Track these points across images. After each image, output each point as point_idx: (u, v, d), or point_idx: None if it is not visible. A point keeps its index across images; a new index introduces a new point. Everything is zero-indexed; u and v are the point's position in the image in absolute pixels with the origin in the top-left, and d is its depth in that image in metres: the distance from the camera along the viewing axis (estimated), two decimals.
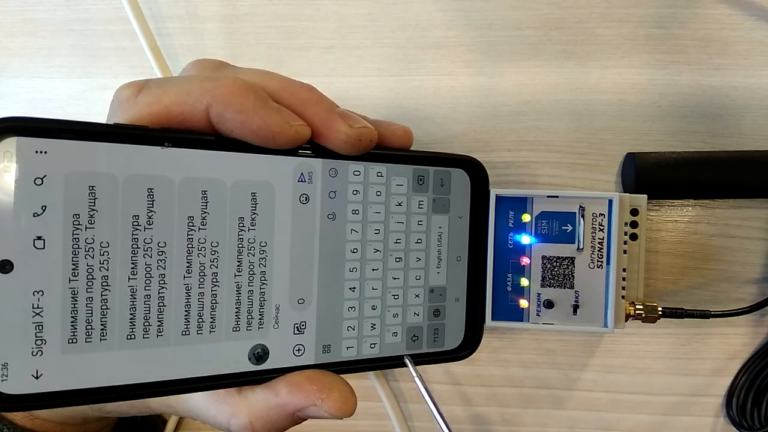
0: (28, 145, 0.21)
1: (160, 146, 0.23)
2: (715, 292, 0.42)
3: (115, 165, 0.23)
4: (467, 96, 0.43)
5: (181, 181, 0.24)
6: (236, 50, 0.44)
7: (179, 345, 0.24)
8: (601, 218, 0.35)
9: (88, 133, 0.22)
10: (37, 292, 0.22)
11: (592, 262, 0.35)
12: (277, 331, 0.26)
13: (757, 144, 0.41)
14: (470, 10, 0.43)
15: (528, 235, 0.35)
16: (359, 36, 0.44)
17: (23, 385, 0.22)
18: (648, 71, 0.42)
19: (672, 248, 0.42)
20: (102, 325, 0.23)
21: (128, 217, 0.23)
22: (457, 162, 0.31)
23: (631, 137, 0.42)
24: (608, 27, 0.42)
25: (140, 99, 0.24)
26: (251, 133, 0.24)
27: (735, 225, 0.42)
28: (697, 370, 0.42)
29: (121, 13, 0.42)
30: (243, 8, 0.44)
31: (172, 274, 0.24)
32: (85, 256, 0.22)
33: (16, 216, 0.21)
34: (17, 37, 0.45)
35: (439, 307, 0.31)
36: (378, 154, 0.28)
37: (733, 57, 0.42)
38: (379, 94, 0.43)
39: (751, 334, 0.42)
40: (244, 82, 0.24)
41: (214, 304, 0.25)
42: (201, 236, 0.24)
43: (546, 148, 0.42)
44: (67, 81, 0.45)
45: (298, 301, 0.27)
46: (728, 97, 0.42)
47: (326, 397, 0.26)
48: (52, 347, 0.22)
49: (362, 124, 0.26)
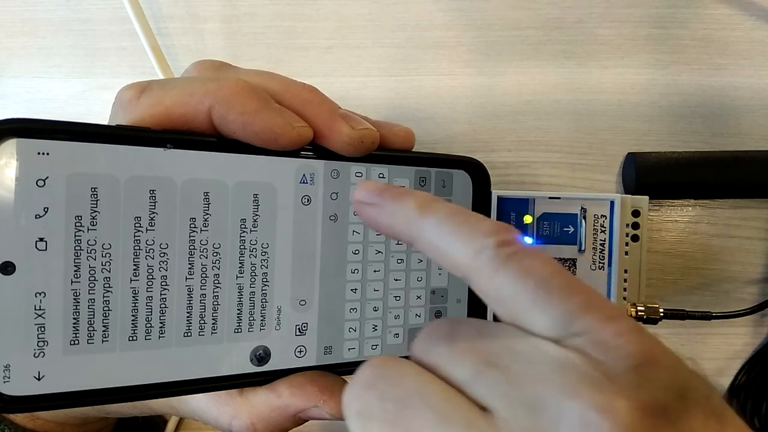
0: (30, 147, 0.21)
1: (162, 148, 0.23)
2: (716, 292, 0.42)
3: (117, 166, 0.23)
4: (467, 96, 0.43)
5: (183, 183, 0.24)
6: (236, 50, 0.44)
7: (181, 346, 0.24)
8: (602, 220, 0.35)
9: (90, 134, 0.22)
10: (39, 293, 0.22)
11: (594, 263, 0.35)
12: (279, 333, 0.26)
13: (757, 144, 0.41)
14: (470, 10, 0.43)
15: (530, 237, 0.35)
16: (359, 36, 0.44)
17: (25, 386, 0.22)
18: (648, 71, 0.42)
19: (672, 248, 0.42)
20: (104, 326, 0.23)
21: (130, 218, 0.23)
22: (459, 163, 0.31)
23: (631, 137, 0.42)
24: (608, 27, 0.42)
25: (142, 100, 0.24)
26: (253, 134, 0.24)
27: (735, 225, 0.42)
28: (698, 370, 0.42)
29: (121, 13, 0.42)
30: (243, 8, 0.44)
31: (173, 276, 0.24)
32: (87, 257, 0.22)
33: (17, 217, 0.21)
34: (17, 37, 0.45)
35: (441, 308, 0.31)
36: (380, 156, 0.28)
37: (733, 57, 0.42)
38: (379, 94, 0.43)
39: (751, 334, 0.42)
40: (246, 83, 0.24)
41: (215, 306, 0.25)
42: (203, 238, 0.24)
43: (546, 148, 0.42)
44: (67, 81, 0.45)
45: (299, 302, 0.27)
46: (728, 97, 0.42)
47: (328, 399, 0.26)
48: (54, 349, 0.22)
49: (364, 125, 0.26)
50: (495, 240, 0.19)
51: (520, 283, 0.18)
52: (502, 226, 0.20)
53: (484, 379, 0.18)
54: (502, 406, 0.17)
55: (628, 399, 0.16)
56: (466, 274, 0.19)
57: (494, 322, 0.19)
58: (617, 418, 0.15)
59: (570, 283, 0.18)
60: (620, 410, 0.16)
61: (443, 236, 0.20)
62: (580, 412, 0.16)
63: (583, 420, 0.16)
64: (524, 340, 0.18)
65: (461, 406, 0.17)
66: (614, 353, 0.17)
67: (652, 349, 0.17)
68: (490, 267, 0.19)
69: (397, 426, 0.17)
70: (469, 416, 0.17)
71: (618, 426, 0.15)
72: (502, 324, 0.19)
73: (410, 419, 0.17)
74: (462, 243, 0.19)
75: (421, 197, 0.21)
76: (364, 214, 0.23)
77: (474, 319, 0.20)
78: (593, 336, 0.17)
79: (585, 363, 0.17)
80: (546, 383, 0.17)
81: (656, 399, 0.16)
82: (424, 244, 0.21)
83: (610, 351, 0.17)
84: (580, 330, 0.17)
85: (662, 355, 0.17)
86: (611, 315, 0.17)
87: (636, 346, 0.17)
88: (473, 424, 0.17)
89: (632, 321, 0.18)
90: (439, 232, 0.20)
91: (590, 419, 0.16)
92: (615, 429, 0.15)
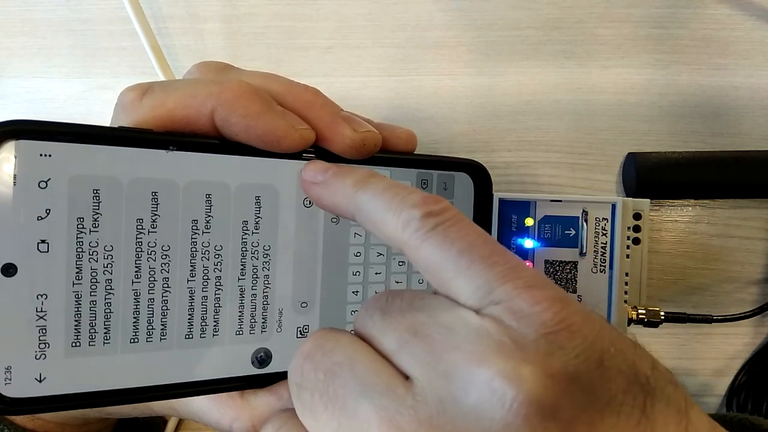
0: (32, 149, 0.21)
1: (164, 150, 0.23)
2: (716, 292, 0.42)
3: (120, 168, 0.23)
4: (467, 96, 0.43)
5: (185, 185, 0.24)
6: (236, 50, 0.44)
7: (182, 348, 0.24)
8: (604, 222, 0.35)
9: (92, 136, 0.22)
10: (41, 295, 0.22)
11: (595, 266, 0.35)
12: (280, 335, 0.26)
13: (757, 144, 0.41)
14: (470, 10, 0.43)
15: (531, 239, 0.35)
16: (359, 36, 0.43)
17: (27, 388, 0.22)
18: (648, 71, 0.42)
19: (672, 248, 0.42)
20: (105, 328, 0.23)
21: (132, 220, 0.23)
22: (461, 166, 0.31)
23: (631, 137, 0.42)
24: (608, 27, 0.42)
25: (144, 102, 0.24)
26: (256, 137, 0.24)
27: (735, 225, 0.42)
28: (698, 371, 0.42)
29: (121, 13, 0.42)
30: (243, 8, 0.44)
31: (175, 278, 0.24)
32: (89, 259, 0.22)
33: (19, 219, 0.21)
34: (17, 37, 0.45)
35: None
36: (382, 158, 0.28)
37: (733, 57, 0.42)
38: (379, 94, 0.43)
39: (751, 334, 0.42)
40: (248, 85, 0.24)
41: (217, 308, 0.25)
42: (205, 240, 0.24)
43: (546, 148, 0.42)
44: (67, 81, 0.45)
45: (301, 304, 0.27)
46: (728, 97, 0.42)
47: None
48: (55, 351, 0.22)
49: (366, 128, 0.26)
50: (421, 211, 0.19)
51: (444, 253, 0.19)
52: (430, 198, 0.20)
53: (407, 349, 0.18)
54: (421, 374, 0.17)
55: (535, 365, 0.16)
56: (398, 246, 0.20)
57: (428, 293, 0.20)
58: (522, 385, 0.16)
59: (493, 251, 0.19)
60: (526, 377, 0.16)
61: (377, 210, 0.21)
62: (487, 379, 0.16)
63: (490, 387, 0.16)
64: (448, 311, 0.18)
65: (384, 374, 0.18)
66: (528, 320, 0.17)
67: (569, 317, 0.17)
68: (417, 238, 0.19)
69: (325, 395, 0.18)
70: (390, 384, 0.18)
71: (523, 392, 0.16)
72: (433, 295, 0.20)
73: (336, 388, 0.18)
74: (392, 215, 0.20)
75: (360, 173, 0.22)
76: (311, 192, 0.24)
77: (409, 291, 0.20)
78: (510, 304, 0.17)
79: (498, 330, 0.17)
80: (461, 351, 0.17)
81: (566, 366, 0.16)
82: (361, 218, 0.21)
83: (524, 318, 0.17)
84: (499, 298, 0.18)
85: (581, 324, 0.17)
86: (531, 284, 0.18)
87: (550, 314, 0.17)
88: (393, 392, 0.17)
89: (554, 289, 0.18)
90: (374, 205, 0.21)
91: (496, 386, 0.16)
92: (520, 395, 0.16)
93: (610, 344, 0.17)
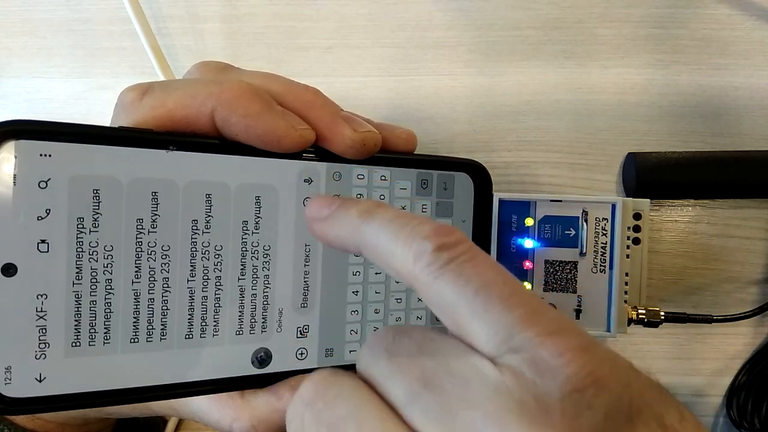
0: (32, 149, 0.21)
1: (164, 150, 0.23)
2: (716, 292, 0.42)
3: (120, 168, 0.23)
4: (467, 96, 0.43)
5: (185, 185, 0.24)
6: (236, 50, 0.44)
7: (182, 348, 0.24)
8: (604, 223, 0.35)
9: (92, 136, 0.22)
10: (41, 295, 0.22)
11: (595, 266, 0.35)
12: (280, 335, 0.26)
13: (757, 144, 0.41)
14: (470, 10, 0.43)
15: (531, 239, 0.35)
16: (359, 36, 0.43)
17: (26, 388, 0.22)
18: (648, 71, 0.42)
19: (672, 248, 0.42)
20: (105, 328, 0.23)
21: (132, 220, 0.23)
22: (461, 166, 0.31)
23: (631, 137, 0.42)
24: (608, 27, 0.42)
25: (144, 102, 0.24)
26: (256, 137, 0.24)
27: (735, 225, 0.42)
28: (698, 370, 0.42)
29: (121, 13, 0.42)
30: (243, 8, 0.44)
31: (175, 278, 0.24)
32: (89, 259, 0.22)
33: (19, 219, 0.21)
34: (17, 37, 0.45)
35: None
36: (382, 158, 0.28)
37: (733, 57, 0.42)
38: (379, 94, 0.43)
39: (751, 334, 0.42)
40: (249, 85, 0.24)
41: (217, 308, 0.25)
42: (205, 240, 0.24)
43: (546, 148, 0.42)
44: (67, 81, 0.45)
45: (301, 304, 0.27)
46: (728, 97, 0.42)
47: None
48: (55, 351, 0.22)
49: (366, 128, 0.26)
50: (433, 244, 0.18)
51: (458, 292, 0.17)
52: (442, 228, 0.18)
53: (419, 403, 0.16)
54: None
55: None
56: (408, 281, 0.19)
57: (438, 332, 0.18)
58: None
59: (513, 292, 0.17)
60: None
61: (385, 242, 0.19)
62: None
63: None
64: (462, 359, 0.17)
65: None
66: (551, 375, 0.15)
67: (596, 369, 0.15)
68: (429, 274, 0.18)
69: None
70: None
71: None
72: (444, 337, 0.18)
73: None
74: (401, 247, 0.18)
75: (365, 204, 0.21)
76: (314, 230, 0.22)
77: (417, 330, 0.19)
78: (531, 354, 0.16)
79: (519, 387, 0.15)
80: (478, 410, 0.15)
81: (596, 428, 0.15)
82: (368, 251, 0.20)
83: (548, 372, 0.15)
84: (519, 346, 0.16)
85: (608, 376, 0.16)
86: (553, 330, 0.16)
87: (577, 367, 0.15)
88: None
89: (579, 336, 0.16)
90: (381, 237, 0.19)
91: None
92: None
93: (638, 395, 0.16)
